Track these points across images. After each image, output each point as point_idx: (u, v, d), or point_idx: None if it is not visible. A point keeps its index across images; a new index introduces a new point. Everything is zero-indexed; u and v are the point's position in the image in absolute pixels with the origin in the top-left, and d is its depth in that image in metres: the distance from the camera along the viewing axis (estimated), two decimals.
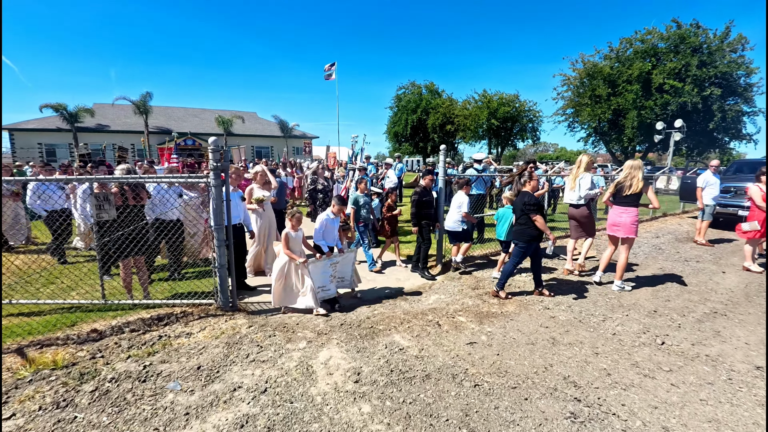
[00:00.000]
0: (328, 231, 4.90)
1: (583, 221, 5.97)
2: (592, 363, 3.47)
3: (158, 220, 5.11)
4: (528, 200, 4.85)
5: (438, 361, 3.41)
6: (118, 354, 3.45)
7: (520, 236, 4.95)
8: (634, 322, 4.36)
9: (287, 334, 3.87)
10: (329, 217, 4.91)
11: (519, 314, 4.53)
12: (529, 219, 4.82)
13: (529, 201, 4.85)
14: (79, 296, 4.75)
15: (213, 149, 4.05)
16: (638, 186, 5.05)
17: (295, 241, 4.60)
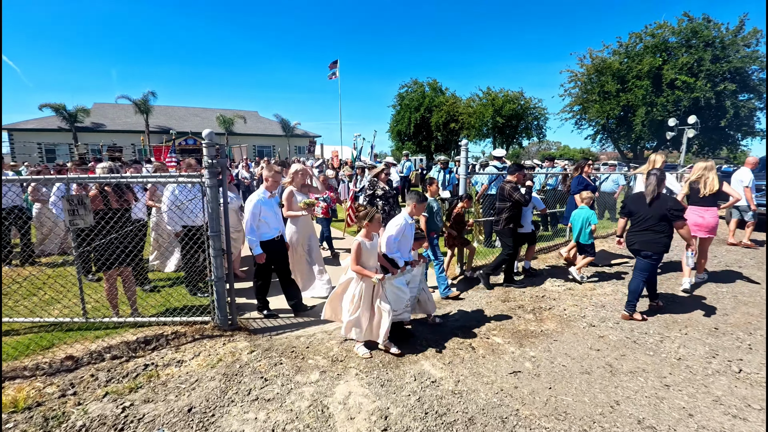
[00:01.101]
0: (405, 240, 3.76)
1: None
2: (665, 399, 2.87)
3: (186, 227, 4.62)
4: (673, 205, 4.09)
5: (480, 398, 2.81)
6: (94, 390, 2.86)
7: (653, 246, 4.13)
8: (698, 343, 3.77)
9: (296, 362, 3.28)
10: (407, 222, 3.76)
11: (562, 333, 3.94)
12: (669, 227, 4.11)
13: (674, 206, 4.09)
14: (60, 312, 4.19)
15: (208, 144, 3.46)
16: (714, 186, 4.83)
17: (371, 253, 3.48)
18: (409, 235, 3.79)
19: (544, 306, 4.59)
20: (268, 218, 4.11)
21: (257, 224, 4.02)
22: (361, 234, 3.47)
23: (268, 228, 4.12)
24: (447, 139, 36.26)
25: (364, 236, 3.46)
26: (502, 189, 5.26)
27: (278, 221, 4.24)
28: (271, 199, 4.21)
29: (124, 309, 4.24)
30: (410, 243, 3.83)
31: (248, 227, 4.00)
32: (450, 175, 8.91)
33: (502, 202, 5.27)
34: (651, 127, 24.99)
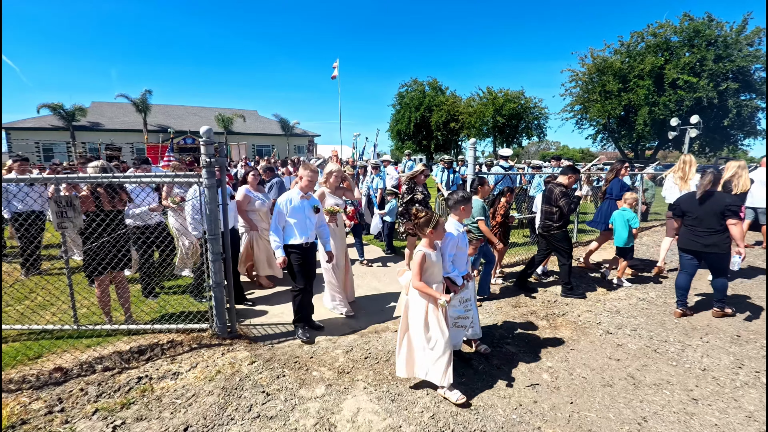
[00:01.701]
0: (460, 254, 3.17)
1: None
2: (695, 415, 2.68)
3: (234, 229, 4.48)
4: (731, 202, 3.94)
5: (498, 415, 2.62)
6: (83, 406, 2.66)
7: (722, 246, 4.02)
8: (721, 352, 3.58)
9: (300, 374, 3.08)
10: (459, 232, 3.15)
11: (578, 341, 3.75)
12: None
13: (733, 203, 3.93)
14: (51, 318, 3.98)
15: (206, 141, 3.26)
16: (747, 185, 4.86)
17: (437, 267, 2.86)
18: (464, 247, 3.22)
19: (557, 312, 4.40)
20: (298, 221, 3.70)
21: (282, 224, 3.69)
22: (424, 243, 2.87)
23: (293, 231, 3.70)
24: (447, 138, 36.10)
25: (427, 246, 2.84)
26: (550, 192, 4.86)
27: (308, 226, 3.75)
28: (304, 201, 3.74)
29: (120, 314, 4.04)
30: (465, 255, 3.25)
31: (272, 225, 3.72)
32: (454, 175, 8.72)
33: (549, 205, 4.87)
34: (653, 126, 24.87)
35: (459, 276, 3.13)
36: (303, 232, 3.73)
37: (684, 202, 4.31)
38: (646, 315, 4.38)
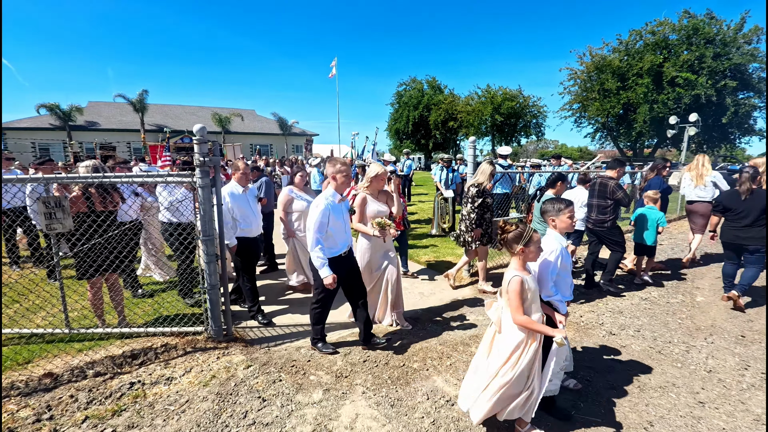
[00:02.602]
0: (564, 274, 2.61)
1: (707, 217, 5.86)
2: (702, 419, 2.61)
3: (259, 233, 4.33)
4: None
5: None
6: (73, 414, 2.58)
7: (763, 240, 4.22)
8: (726, 353, 3.52)
9: (297, 378, 3.00)
10: (562, 246, 2.60)
11: (581, 342, 3.68)
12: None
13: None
14: (42, 322, 3.90)
15: (199, 140, 3.18)
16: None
17: (534, 295, 2.31)
18: (569, 265, 2.64)
19: None
20: (336, 229, 3.20)
21: (324, 236, 3.14)
22: (515, 266, 2.30)
23: (334, 242, 3.21)
24: (445, 137, 36.03)
25: (520, 268, 2.29)
26: (605, 186, 4.76)
27: (347, 232, 3.37)
28: (341, 204, 3.31)
29: (114, 317, 3.96)
30: (569, 276, 2.67)
31: (314, 241, 3.08)
32: (453, 174, 8.64)
33: (602, 199, 4.81)
34: (652, 124, 24.84)
35: (563, 302, 2.55)
36: (344, 241, 3.30)
37: (726, 200, 4.53)
38: (649, 315, 4.32)
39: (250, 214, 4.09)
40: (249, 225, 4.05)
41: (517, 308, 2.21)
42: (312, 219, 3.09)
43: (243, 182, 4.07)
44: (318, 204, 3.13)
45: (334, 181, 3.26)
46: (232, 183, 4.05)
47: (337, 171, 3.22)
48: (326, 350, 3.42)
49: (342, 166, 3.24)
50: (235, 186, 4.03)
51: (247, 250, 4.04)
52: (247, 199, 4.10)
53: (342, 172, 3.23)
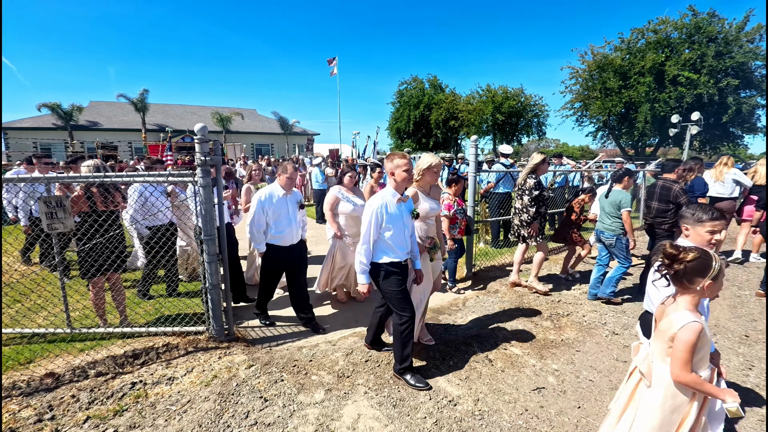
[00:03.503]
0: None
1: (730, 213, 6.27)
2: None
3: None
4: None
5: (504, 421, 2.54)
6: (74, 414, 2.58)
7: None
8: (731, 353, 3.50)
9: (299, 378, 2.99)
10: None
11: (584, 342, 3.66)
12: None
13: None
14: (44, 322, 3.89)
15: (200, 140, 3.17)
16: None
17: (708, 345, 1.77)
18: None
19: (561, 312, 4.32)
20: (395, 231, 2.82)
21: (375, 238, 2.82)
22: (687, 305, 1.72)
23: (387, 245, 2.86)
24: (446, 136, 35.98)
25: (693, 310, 1.71)
26: (668, 189, 4.53)
27: (407, 237, 2.92)
28: (402, 205, 2.89)
29: (115, 317, 3.95)
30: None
31: (364, 241, 2.78)
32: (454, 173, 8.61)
33: (663, 203, 4.55)
34: (653, 123, 24.77)
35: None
36: (402, 246, 2.90)
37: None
38: None
39: (285, 220, 3.78)
40: (281, 232, 3.75)
41: (685, 364, 1.66)
42: (363, 219, 2.84)
43: (288, 186, 3.80)
44: (372, 203, 2.83)
45: (393, 178, 2.87)
46: (273, 185, 3.83)
47: (395, 166, 2.83)
48: (418, 384, 2.88)
49: (401, 160, 2.84)
50: (277, 189, 3.79)
51: (274, 259, 3.80)
52: (287, 203, 3.79)
53: (401, 167, 2.82)
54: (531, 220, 4.63)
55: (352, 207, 4.33)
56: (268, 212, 3.71)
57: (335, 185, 4.53)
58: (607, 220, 4.50)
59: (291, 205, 3.84)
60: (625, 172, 4.61)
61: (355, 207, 4.32)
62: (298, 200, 3.95)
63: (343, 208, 4.35)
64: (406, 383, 2.91)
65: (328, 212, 4.37)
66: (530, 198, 4.58)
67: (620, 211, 4.37)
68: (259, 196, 3.73)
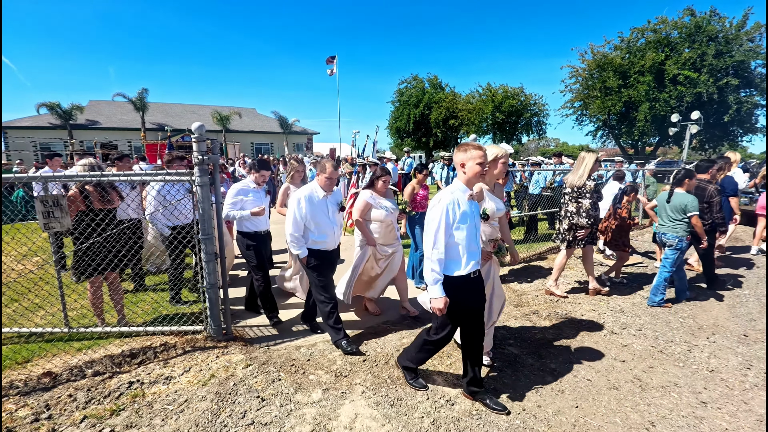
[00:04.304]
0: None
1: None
2: (705, 420, 2.59)
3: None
4: None
5: (502, 420, 2.53)
6: (71, 413, 2.57)
7: None
8: (729, 353, 3.50)
9: (296, 377, 2.99)
10: None
11: (582, 342, 3.66)
12: None
13: None
14: (41, 320, 3.89)
15: (198, 138, 3.16)
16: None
17: None
18: None
19: (560, 311, 4.31)
20: (467, 234, 2.43)
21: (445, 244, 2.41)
22: None
23: (458, 252, 2.45)
24: (446, 135, 35.95)
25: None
26: (703, 189, 4.57)
27: (477, 242, 2.56)
28: (472, 203, 2.52)
29: (113, 316, 3.94)
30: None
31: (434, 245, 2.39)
32: (454, 172, 8.61)
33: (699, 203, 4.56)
34: (653, 123, 24.76)
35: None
36: (472, 254, 2.50)
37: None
38: (651, 314, 4.29)
39: (326, 223, 3.52)
40: (323, 236, 3.50)
41: None
42: (430, 219, 2.44)
43: (328, 187, 3.50)
44: (441, 198, 2.44)
45: (463, 170, 2.48)
46: (312, 185, 3.55)
47: (469, 158, 2.44)
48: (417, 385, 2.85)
49: (476, 150, 2.44)
50: (316, 189, 3.51)
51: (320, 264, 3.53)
52: (327, 205, 3.54)
53: (475, 159, 2.42)
54: (591, 223, 4.45)
55: (384, 213, 4.00)
56: (307, 215, 3.42)
57: (365, 189, 4.13)
58: (669, 223, 4.43)
59: (331, 207, 3.59)
60: (685, 174, 4.45)
61: (388, 212, 4.01)
62: (338, 201, 3.70)
63: (375, 215, 4.02)
64: (405, 380, 2.92)
65: (358, 218, 4.01)
66: (591, 201, 4.37)
67: (686, 215, 4.27)
68: (298, 197, 3.43)
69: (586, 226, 4.45)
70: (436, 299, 2.40)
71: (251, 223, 4.05)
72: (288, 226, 3.45)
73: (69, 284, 4.50)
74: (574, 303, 4.58)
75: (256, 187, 4.14)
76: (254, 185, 4.14)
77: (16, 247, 5.11)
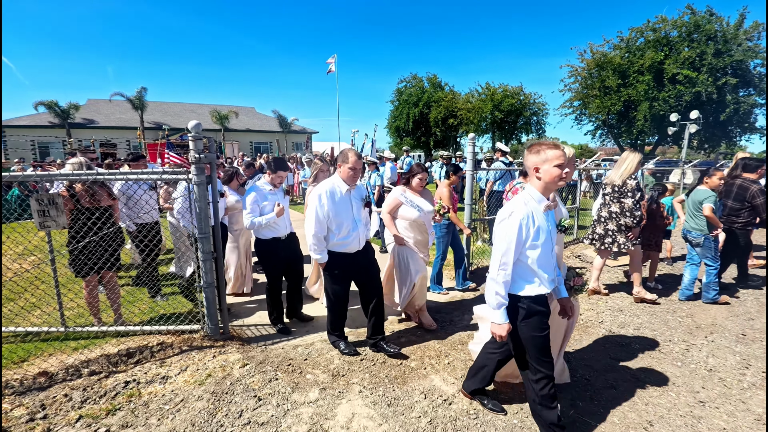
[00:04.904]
0: None
1: None
2: (703, 419, 2.59)
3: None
4: None
5: (499, 420, 2.53)
6: (67, 413, 2.56)
7: None
8: (727, 352, 3.49)
9: (293, 377, 2.98)
10: None
11: (580, 341, 3.66)
12: None
13: None
14: (37, 320, 3.87)
15: (195, 137, 3.14)
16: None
17: None
18: None
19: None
20: (542, 255, 2.09)
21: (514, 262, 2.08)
22: None
23: (534, 272, 2.11)
24: (445, 134, 35.95)
25: None
26: (746, 189, 4.47)
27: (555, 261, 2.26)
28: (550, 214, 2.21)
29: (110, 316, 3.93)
30: None
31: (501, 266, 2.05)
32: None
33: (738, 202, 4.55)
34: (652, 122, 24.78)
35: None
36: (549, 270, 2.16)
37: None
38: (649, 313, 4.29)
39: (350, 221, 3.14)
40: (347, 237, 3.15)
41: None
42: (500, 236, 2.06)
43: (351, 180, 3.11)
44: (513, 210, 2.05)
45: (537, 175, 2.10)
46: (333, 179, 3.18)
47: (544, 160, 2.05)
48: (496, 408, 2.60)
49: (553, 150, 2.04)
50: (338, 183, 3.13)
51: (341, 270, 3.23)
52: (351, 201, 3.18)
53: (552, 161, 2.03)
54: (636, 223, 4.35)
55: (417, 213, 3.70)
56: (329, 213, 3.06)
57: (399, 186, 3.89)
58: (690, 220, 4.46)
59: (355, 203, 3.21)
60: (703, 173, 4.48)
61: (421, 213, 3.70)
62: (362, 196, 3.35)
63: (406, 213, 3.72)
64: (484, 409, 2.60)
65: (387, 216, 3.77)
66: (634, 200, 4.28)
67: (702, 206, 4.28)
68: (318, 193, 3.06)
69: (633, 226, 4.35)
70: (499, 325, 2.12)
71: (269, 230, 3.72)
72: (309, 227, 3.08)
73: (65, 283, 4.48)
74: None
75: (272, 189, 3.82)
76: (270, 187, 3.82)
77: (12, 246, 5.10)
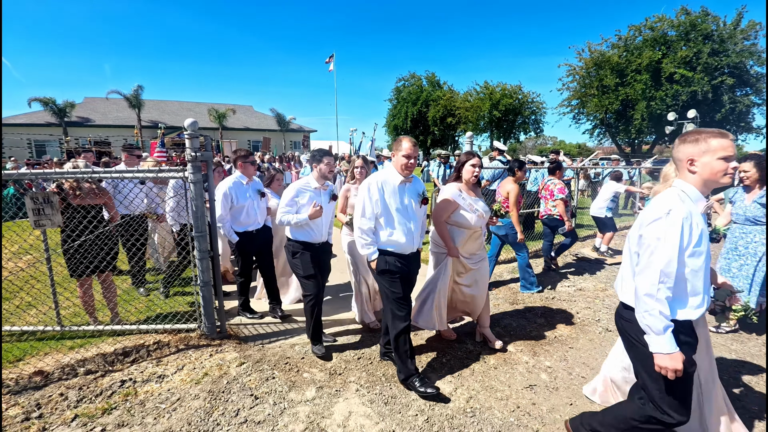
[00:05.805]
0: None
1: None
2: None
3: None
4: None
5: (495, 418, 2.53)
6: (62, 412, 2.55)
7: None
8: (722, 349, 3.51)
9: (290, 376, 2.98)
10: None
11: (577, 339, 3.66)
12: None
13: None
14: (33, 319, 3.85)
15: (191, 135, 3.13)
16: None
17: None
18: None
19: (554, 309, 4.32)
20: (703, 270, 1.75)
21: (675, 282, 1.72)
22: None
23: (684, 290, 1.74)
24: (444, 133, 35.97)
25: None
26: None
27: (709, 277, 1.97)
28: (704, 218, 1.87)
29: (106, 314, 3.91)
30: None
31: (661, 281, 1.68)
32: (450, 170, 8.61)
33: None
34: (650, 121, 24.85)
35: None
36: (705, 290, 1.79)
37: None
38: None
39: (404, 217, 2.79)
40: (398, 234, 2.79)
41: None
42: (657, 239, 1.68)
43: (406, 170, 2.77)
44: (671, 209, 1.69)
45: (692, 168, 1.76)
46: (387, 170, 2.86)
47: (704, 151, 1.71)
48: None
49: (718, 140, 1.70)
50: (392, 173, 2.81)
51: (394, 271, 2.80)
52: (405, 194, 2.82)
53: (716, 152, 1.69)
54: None
55: (476, 217, 3.11)
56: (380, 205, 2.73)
57: (451, 183, 3.26)
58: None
59: (410, 198, 2.84)
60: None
61: (478, 215, 3.13)
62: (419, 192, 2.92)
63: (461, 220, 3.10)
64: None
65: (441, 224, 3.14)
66: None
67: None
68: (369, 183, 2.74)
69: None
70: (668, 356, 1.61)
71: (302, 232, 3.23)
72: (356, 218, 2.77)
73: (61, 282, 4.46)
74: (569, 301, 4.58)
75: (317, 187, 3.25)
76: (316, 184, 3.25)
77: (7, 245, 5.07)
